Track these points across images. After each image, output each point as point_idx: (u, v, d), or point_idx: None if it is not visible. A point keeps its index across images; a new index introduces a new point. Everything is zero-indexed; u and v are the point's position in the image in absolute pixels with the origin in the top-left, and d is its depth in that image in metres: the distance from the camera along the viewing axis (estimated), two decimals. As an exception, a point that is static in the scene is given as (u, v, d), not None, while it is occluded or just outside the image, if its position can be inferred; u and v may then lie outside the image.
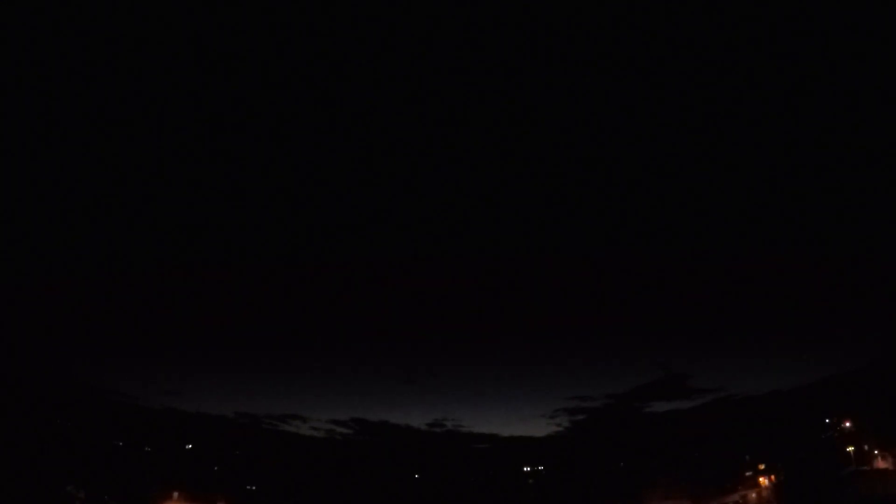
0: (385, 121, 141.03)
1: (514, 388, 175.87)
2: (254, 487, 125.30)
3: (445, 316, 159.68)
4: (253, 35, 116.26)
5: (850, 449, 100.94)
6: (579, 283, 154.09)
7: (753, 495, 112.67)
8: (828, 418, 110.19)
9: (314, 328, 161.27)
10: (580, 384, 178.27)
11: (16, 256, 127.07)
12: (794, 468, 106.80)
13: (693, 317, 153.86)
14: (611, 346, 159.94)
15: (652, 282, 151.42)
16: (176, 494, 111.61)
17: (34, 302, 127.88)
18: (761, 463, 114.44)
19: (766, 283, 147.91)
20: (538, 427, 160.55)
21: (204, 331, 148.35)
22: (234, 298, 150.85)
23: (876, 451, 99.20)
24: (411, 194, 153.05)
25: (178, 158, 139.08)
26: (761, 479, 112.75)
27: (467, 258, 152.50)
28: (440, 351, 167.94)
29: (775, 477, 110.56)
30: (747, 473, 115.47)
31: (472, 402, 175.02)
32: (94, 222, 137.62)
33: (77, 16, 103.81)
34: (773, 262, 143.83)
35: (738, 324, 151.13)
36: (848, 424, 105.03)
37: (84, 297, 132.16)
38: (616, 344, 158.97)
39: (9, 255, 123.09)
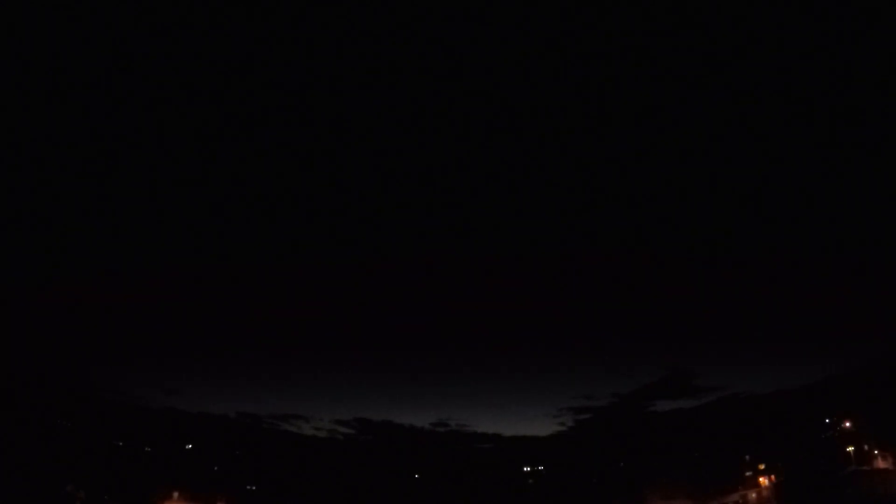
0: (389, 123, 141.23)
1: (520, 387, 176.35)
2: (254, 487, 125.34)
3: (449, 315, 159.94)
4: (255, 40, 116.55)
5: (850, 449, 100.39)
6: (586, 283, 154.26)
7: (753, 495, 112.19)
8: (828, 418, 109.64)
9: (318, 329, 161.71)
10: (586, 383, 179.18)
11: (16, 258, 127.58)
12: (794, 468, 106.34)
13: (698, 316, 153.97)
14: (617, 346, 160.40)
15: (658, 282, 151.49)
16: (176, 494, 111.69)
17: (35, 303, 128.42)
18: (761, 463, 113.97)
19: (768, 283, 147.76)
20: (542, 426, 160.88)
21: (205, 331, 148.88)
22: (235, 299, 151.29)
23: (876, 451, 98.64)
24: (415, 196, 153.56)
25: (177, 162, 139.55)
26: (761, 479, 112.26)
27: (471, 259, 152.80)
28: (445, 350, 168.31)
29: (775, 477, 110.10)
30: (747, 473, 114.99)
31: (476, 401, 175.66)
32: (94, 225, 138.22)
33: (78, 17, 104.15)
34: (776, 263, 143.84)
35: (741, 323, 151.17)
36: (848, 424, 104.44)
37: (84, 299, 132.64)
38: (623, 343, 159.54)
39: (10, 257, 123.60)
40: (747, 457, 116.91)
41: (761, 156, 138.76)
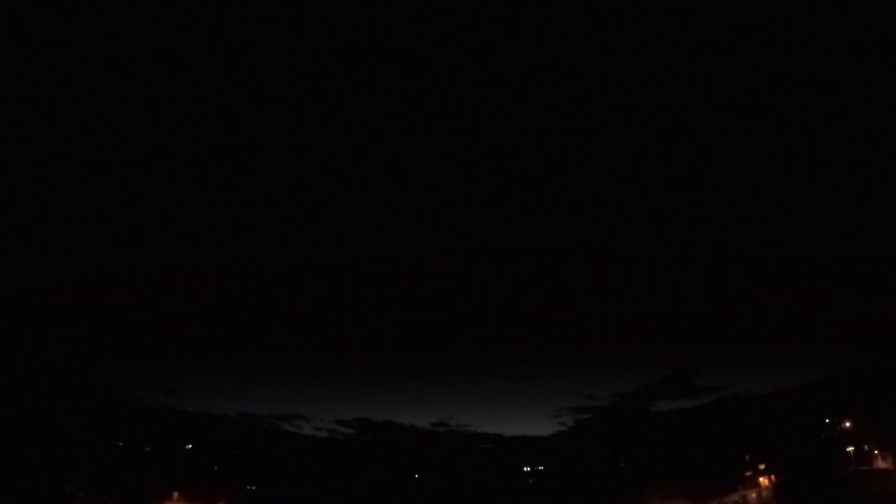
0: (388, 122, 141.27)
1: (520, 387, 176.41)
2: (254, 487, 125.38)
3: (450, 316, 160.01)
4: (255, 39, 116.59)
5: (850, 449, 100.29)
6: (586, 284, 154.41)
7: (753, 495, 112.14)
8: (828, 418, 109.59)
9: (319, 329, 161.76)
10: (586, 383, 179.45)
11: (16, 258, 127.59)
12: (794, 468, 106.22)
13: (698, 316, 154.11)
14: (618, 346, 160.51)
15: (659, 282, 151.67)
16: (176, 494, 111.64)
17: (35, 303, 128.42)
18: (761, 463, 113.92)
19: (768, 283, 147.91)
20: (543, 426, 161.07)
21: (205, 331, 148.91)
22: (236, 299, 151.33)
23: (876, 451, 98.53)
24: (415, 197, 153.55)
25: (177, 161, 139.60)
26: (761, 479, 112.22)
27: (471, 259, 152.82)
28: (445, 350, 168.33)
29: (775, 477, 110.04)
30: (747, 473, 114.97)
31: (476, 401, 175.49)
32: (94, 225, 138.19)
33: (79, 18, 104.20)
34: (776, 263, 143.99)
35: (741, 323, 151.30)
36: (848, 424, 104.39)
37: (84, 298, 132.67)
38: (623, 343, 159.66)
39: (10, 257, 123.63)
40: (747, 457, 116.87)
41: (762, 156, 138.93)
